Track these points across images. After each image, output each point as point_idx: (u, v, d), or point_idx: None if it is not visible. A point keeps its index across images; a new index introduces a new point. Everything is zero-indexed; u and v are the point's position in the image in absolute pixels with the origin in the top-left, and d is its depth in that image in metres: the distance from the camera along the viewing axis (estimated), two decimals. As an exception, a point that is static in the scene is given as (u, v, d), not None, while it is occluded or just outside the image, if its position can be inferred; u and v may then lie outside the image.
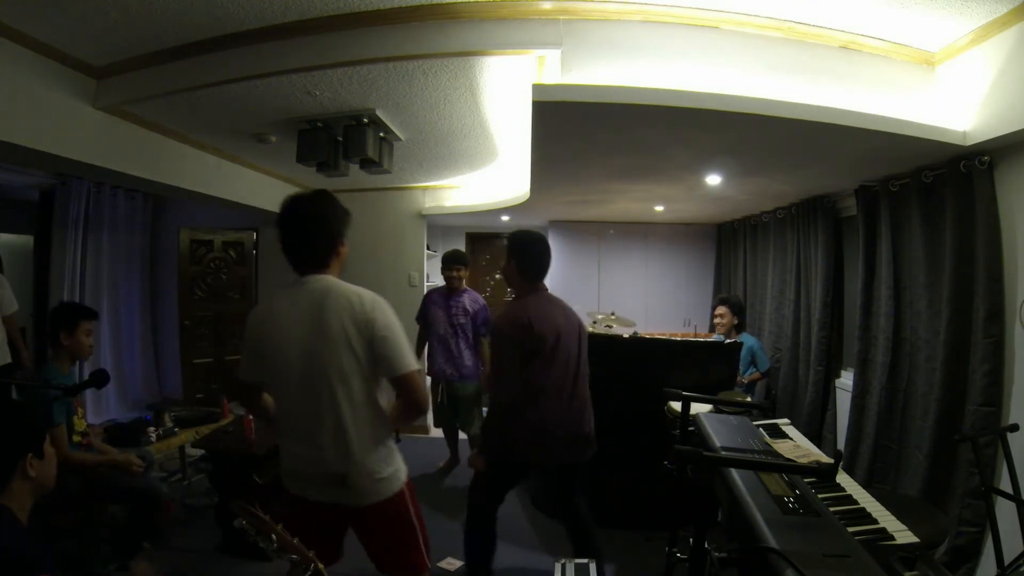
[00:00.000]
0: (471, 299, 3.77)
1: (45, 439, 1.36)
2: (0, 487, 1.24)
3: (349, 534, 1.69)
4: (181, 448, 3.66)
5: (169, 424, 3.48)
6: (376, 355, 1.52)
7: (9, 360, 3.49)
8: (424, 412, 1.69)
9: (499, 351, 2.20)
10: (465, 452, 4.14)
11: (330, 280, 1.57)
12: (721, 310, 3.78)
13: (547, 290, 2.35)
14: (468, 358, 3.72)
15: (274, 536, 1.17)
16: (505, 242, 2.38)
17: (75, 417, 2.50)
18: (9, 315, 3.57)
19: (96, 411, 4.61)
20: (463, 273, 3.76)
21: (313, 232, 1.58)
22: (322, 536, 1.56)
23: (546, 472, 2.42)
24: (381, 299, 1.57)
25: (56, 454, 1.43)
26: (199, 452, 3.71)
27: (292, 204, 1.60)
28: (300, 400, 1.54)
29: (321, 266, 1.58)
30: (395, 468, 1.62)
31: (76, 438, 2.47)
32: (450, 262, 3.73)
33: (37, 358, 4.49)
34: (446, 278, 3.76)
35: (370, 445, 1.56)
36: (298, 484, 1.62)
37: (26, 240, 4.97)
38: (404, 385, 1.56)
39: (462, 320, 3.70)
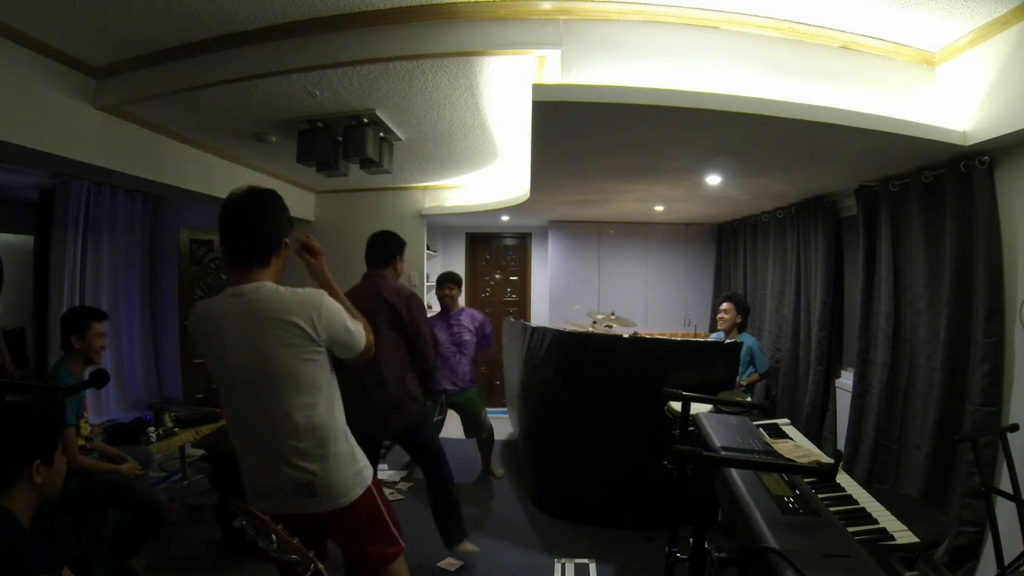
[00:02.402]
0: (470, 316, 3.90)
1: (57, 447, 1.34)
2: (3, 489, 1.24)
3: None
4: (181, 448, 3.66)
5: (169, 424, 3.48)
6: (337, 346, 1.50)
7: None
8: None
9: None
10: (465, 456, 4.15)
11: (271, 286, 1.46)
12: (726, 306, 3.79)
13: (377, 276, 2.55)
14: (466, 369, 3.84)
15: (274, 536, 1.17)
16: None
17: (80, 420, 2.51)
18: None
19: (96, 411, 4.60)
20: (455, 292, 3.89)
21: (256, 227, 1.46)
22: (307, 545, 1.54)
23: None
24: (319, 290, 1.51)
25: (66, 458, 1.42)
26: (199, 452, 3.71)
27: (237, 198, 1.47)
28: (254, 414, 1.46)
29: (262, 267, 1.47)
30: (360, 466, 1.57)
31: (80, 441, 2.48)
32: (444, 281, 3.88)
33: (38, 359, 4.49)
34: (439, 296, 3.88)
35: (334, 445, 1.50)
36: (261, 501, 1.50)
37: (26, 240, 4.97)
38: (364, 356, 1.57)
39: (466, 337, 3.83)
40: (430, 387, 2.56)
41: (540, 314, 6.67)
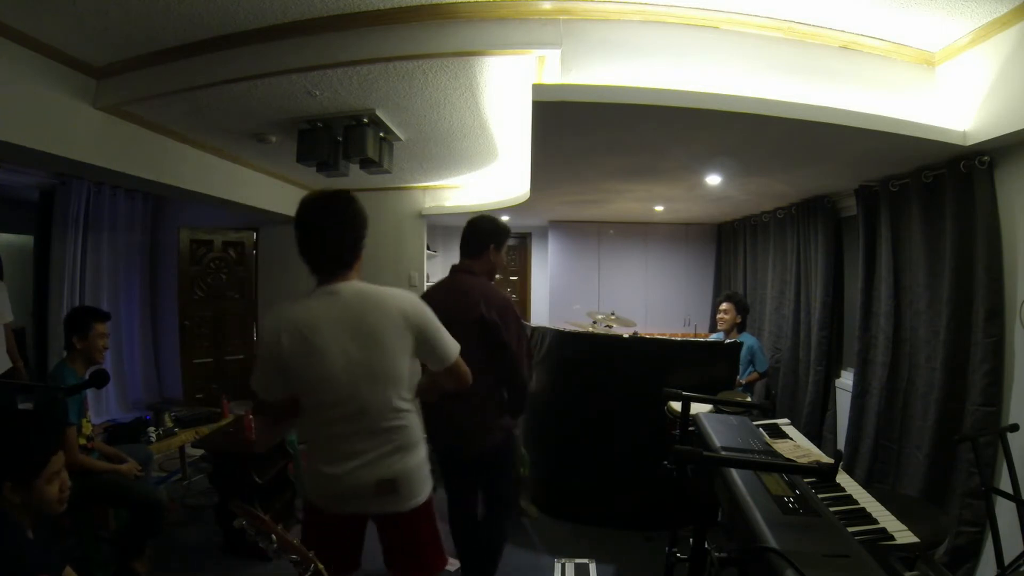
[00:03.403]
0: None
1: (37, 474, 1.30)
2: None
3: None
4: (181, 448, 3.66)
5: (169, 424, 3.47)
6: (427, 351, 1.52)
7: (10, 365, 3.53)
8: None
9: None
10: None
11: (363, 284, 1.51)
12: (726, 306, 3.78)
13: (463, 271, 2.22)
14: None
15: (274, 536, 1.17)
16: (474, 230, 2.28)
17: (83, 420, 2.51)
18: (6, 323, 3.61)
19: (96, 411, 4.60)
20: None
21: (343, 233, 1.50)
22: (347, 550, 1.54)
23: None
24: (416, 296, 1.54)
25: (65, 459, 1.41)
26: (199, 452, 3.71)
27: (319, 203, 1.49)
28: (352, 410, 1.45)
29: (348, 269, 1.51)
30: (429, 466, 1.58)
31: (82, 440, 2.48)
32: None
33: (38, 359, 4.50)
34: None
35: (418, 444, 1.53)
36: (337, 501, 1.51)
37: (26, 240, 4.97)
38: (454, 372, 1.57)
39: None
40: (519, 407, 2.20)
41: (540, 314, 6.67)
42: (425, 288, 5.27)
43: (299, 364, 1.44)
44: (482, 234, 2.24)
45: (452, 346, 1.56)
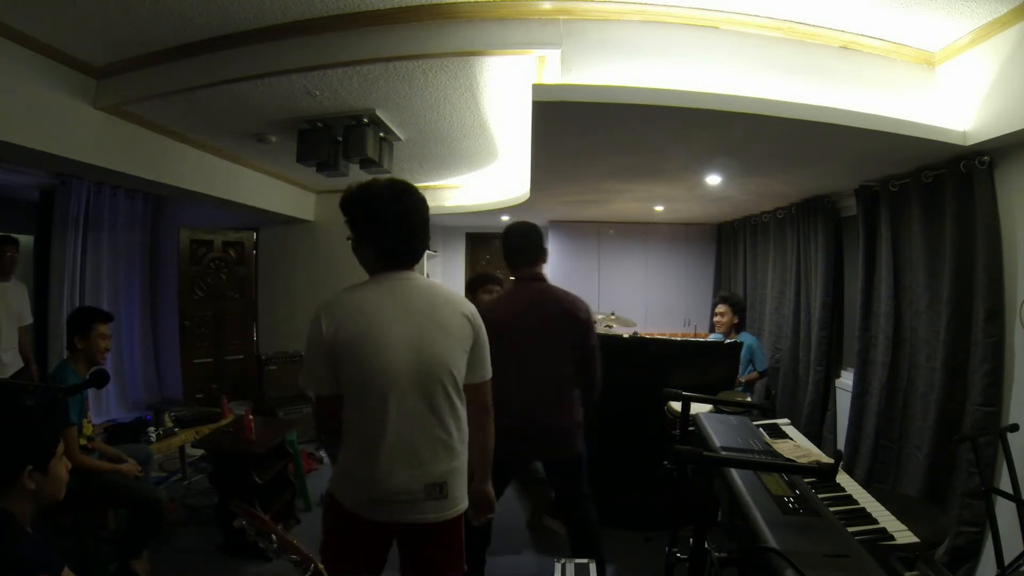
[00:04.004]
0: None
1: (54, 455, 1.32)
2: (1, 492, 1.24)
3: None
4: (181, 448, 3.66)
5: (169, 424, 3.47)
6: (476, 358, 1.47)
7: (22, 365, 3.55)
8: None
9: None
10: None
11: (429, 279, 1.47)
12: (722, 308, 3.78)
13: (536, 279, 2.26)
14: None
15: (274, 536, 1.17)
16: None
17: (83, 420, 2.51)
18: (23, 326, 3.64)
19: (96, 411, 4.60)
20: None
21: (423, 218, 1.45)
22: (376, 556, 1.47)
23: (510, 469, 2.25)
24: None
25: (66, 457, 1.42)
26: (199, 452, 3.71)
27: (396, 189, 1.42)
28: (412, 405, 1.36)
29: (418, 261, 1.47)
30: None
31: (82, 440, 2.48)
32: (488, 282, 3.04)
33: (38, 358, 4.49)
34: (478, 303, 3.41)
35: (465, 446, 1.46)
36: (378, 506, 1.37)
37: (26, 240, 4.96)
38: (482, 391, 1.52)
39: None
40: (591, 400, 2.34)
41: (540, 314, 6.66)
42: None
43: (359, 349, 1.34)
44: (537, 240, 2.28)
45: (490, 363, 1.54)
